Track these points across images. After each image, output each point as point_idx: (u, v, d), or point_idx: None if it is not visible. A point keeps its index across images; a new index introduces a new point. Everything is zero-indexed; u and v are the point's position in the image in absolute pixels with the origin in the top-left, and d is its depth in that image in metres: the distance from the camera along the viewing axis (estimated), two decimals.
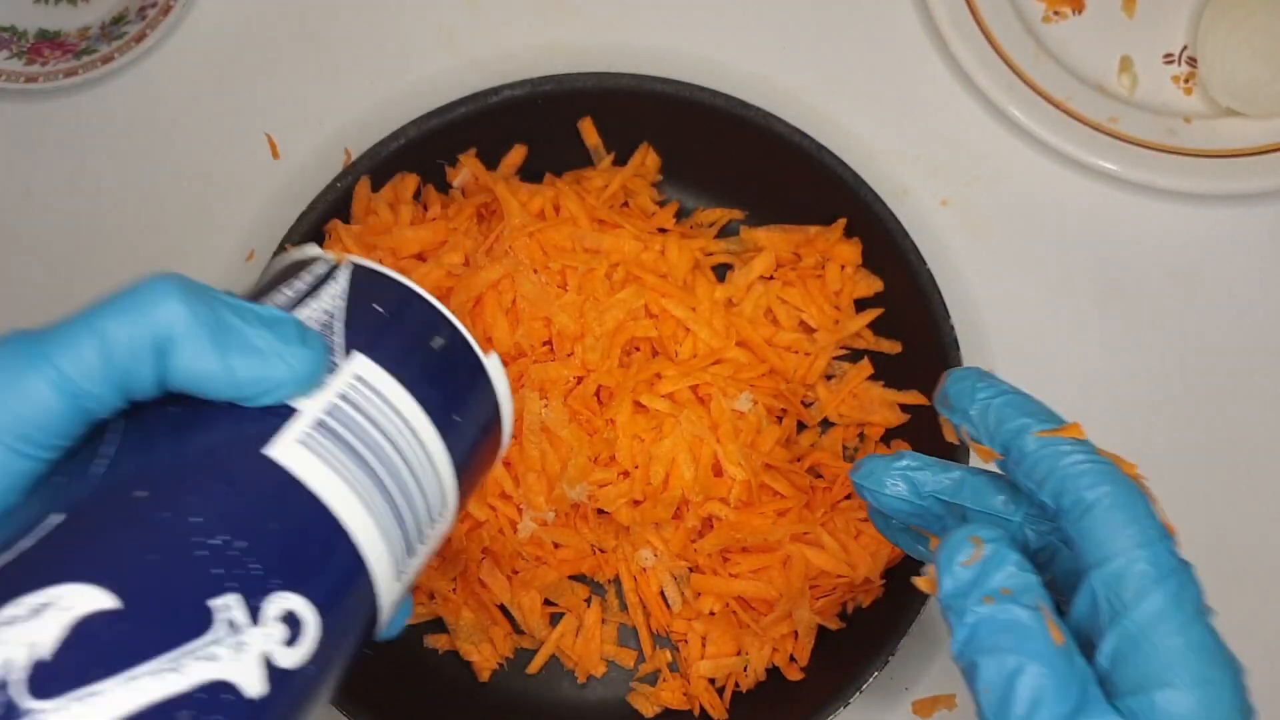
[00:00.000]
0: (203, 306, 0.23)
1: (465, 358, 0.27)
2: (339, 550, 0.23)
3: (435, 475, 0.25)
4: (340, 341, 0.25)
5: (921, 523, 0.33)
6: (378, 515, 0.23)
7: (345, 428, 0.24)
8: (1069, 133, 0.56)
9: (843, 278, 0.53)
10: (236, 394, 0.23)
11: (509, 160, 0.54)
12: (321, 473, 0.23)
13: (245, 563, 0.21)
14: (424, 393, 0.25)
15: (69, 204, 0.57)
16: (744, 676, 0.49)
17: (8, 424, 0.21)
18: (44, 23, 0.60)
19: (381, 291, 0.26)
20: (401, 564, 0.24)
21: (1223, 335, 0.55)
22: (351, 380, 0.24)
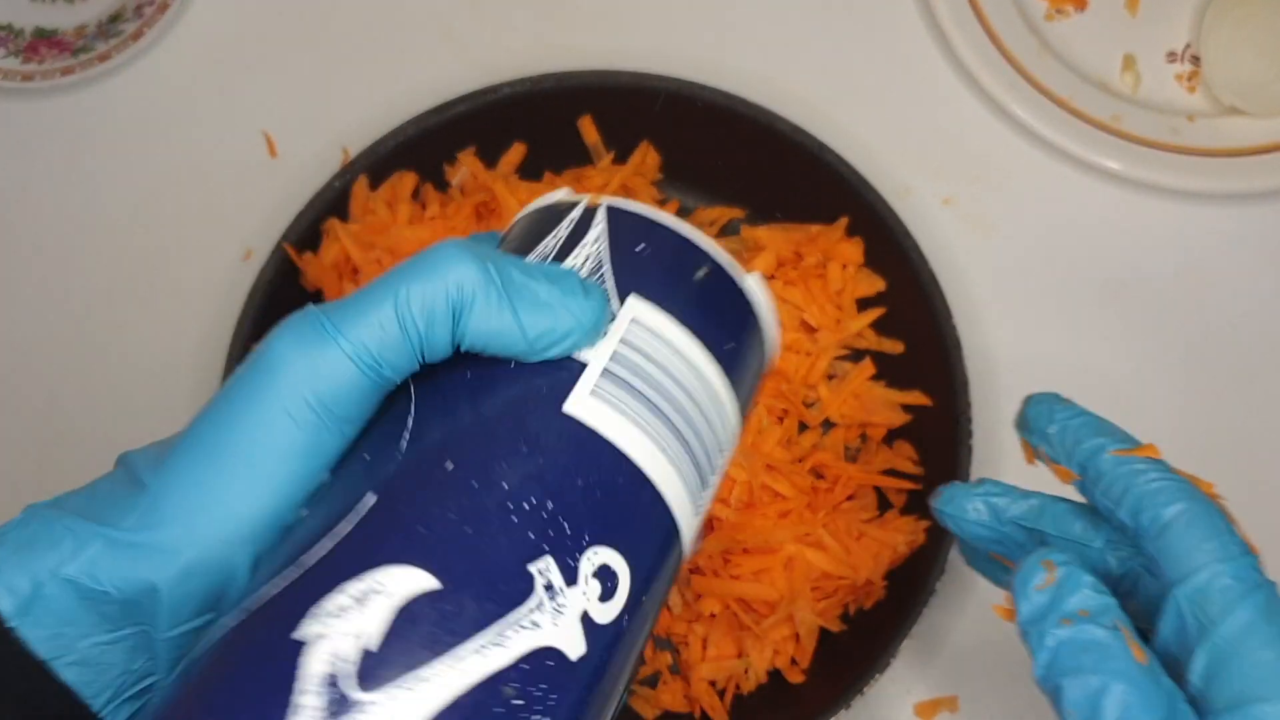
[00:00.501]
0: (491, 266, 0.23)
1: (728, 284, 0.26)
2: (642, 496, 0.23)
3: (718, 404, 0.25)
4: (612, 287, 0.25)
5: (1003, 550, 0.32)
6: (672, 454, 0.23)
7: (631, 373, 0.23)
8: (1071, 131, 0.56)
9: (844, 277, 0.52)
10: (528, 349, 0.23)
11: (508, 159, 0.54)
12: (616, 421, 0.23)
13: (557, 523, 0.21)
14: (697, 325, 0.25)
15: (66, 202, 0.57)
16: (745, 679, 0.48)
17: (323, 402, 0.22)
18: (41, 21, 0.59)
19: (640, 231, 0.26)
20: (697, 497, 0.24)
21: (1225, 334, 0.55)
22: (629, 324, 0.24)
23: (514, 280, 0.23)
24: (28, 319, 0.55)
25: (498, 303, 0.23)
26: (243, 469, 0.22)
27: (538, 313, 0.23)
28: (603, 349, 0.24)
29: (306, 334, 0.22)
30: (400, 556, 0.19)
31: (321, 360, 0.22)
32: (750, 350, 0.27)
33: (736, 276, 0.27)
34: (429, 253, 0.23)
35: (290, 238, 0.50)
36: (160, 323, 0.55)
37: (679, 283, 0.26)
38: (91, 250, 0.56)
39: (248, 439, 0.22)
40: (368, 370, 0.22)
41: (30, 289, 0.56)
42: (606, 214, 0.26)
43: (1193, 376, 0.54)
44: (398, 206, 0.52)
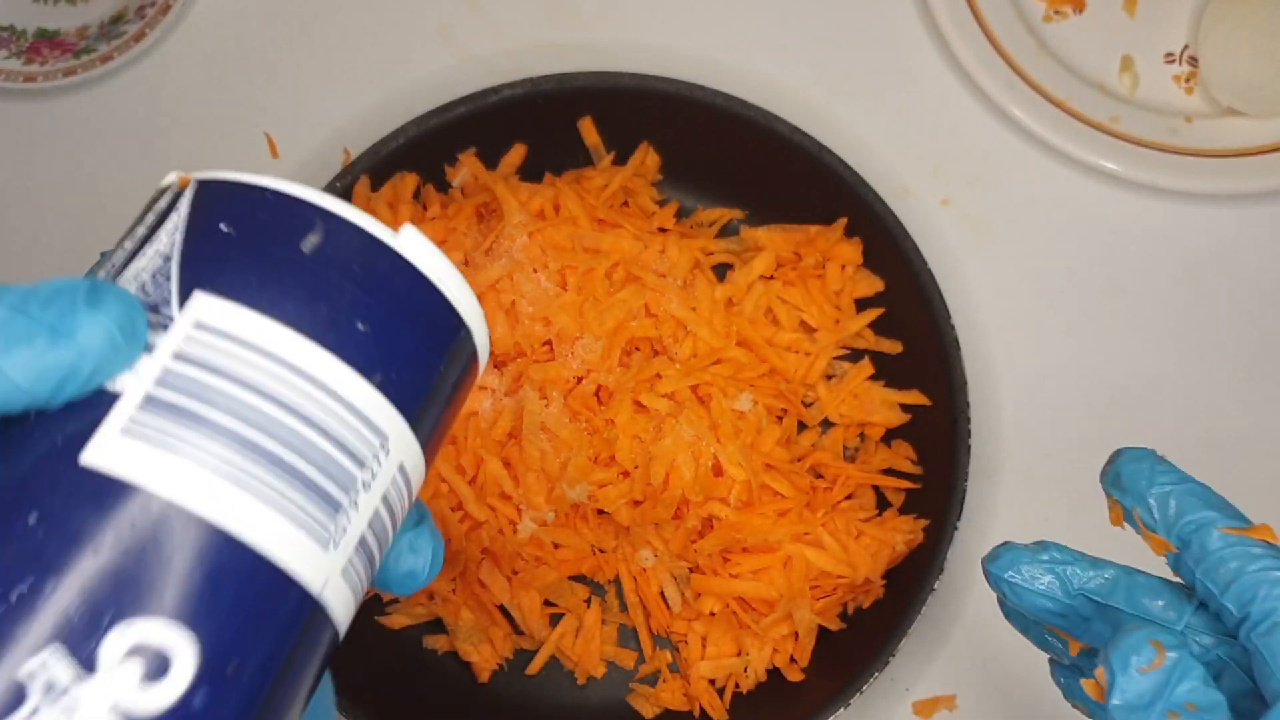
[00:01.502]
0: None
1: (356, 247, 0.21)
2: (196, 544, 0.18)
3: (343, 407, 0.20)
4: (173, 286, 0.20)
5: (1064, 624, 0.29)
6: (254, 485, 0.19)
7: (187, 394, 0.19)
8: (1070, 132, 0.56)
9: (843, 277, 0.52)
10: (29, 399, 0.18)
11: (509, 160, 0.54)
12: (159, 461, 0.18)
13: (59, 606, 0.17)
14: (298, 314, 0.20)
15: (67, 203, 0.57)
16: (744, 677, 0.49)
17: None
18: (43, 22, 0.60)
19: (228, 205, 0.21)
20: (323, 528, 0.20)
21: (1224, 335, 0.55)
22: (190, 330, 0.19)
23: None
24: None
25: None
26: None
27: (25, 349, 0.18)
28: (147, 371, 0.19)
29: None
30: None
31: None
32: (404, 324, 0.21)
33: (377, 234, 0.21)
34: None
35: None
36: None
37: (275, 264, 0.20)
38: (93, 251, 0.56)
39: None
40: None
41: None
42: (194, 192, 0.21)
43: (1191, 376, 0.54)
44: (399, 207, 0.52)
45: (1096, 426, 0.53)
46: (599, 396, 0.49)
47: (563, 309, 0.48)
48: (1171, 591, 0.28)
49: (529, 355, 0.49)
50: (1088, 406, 0.54)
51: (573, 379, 0.49)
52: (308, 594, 0.19)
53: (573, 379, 0.49)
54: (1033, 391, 0.54)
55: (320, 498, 0.20)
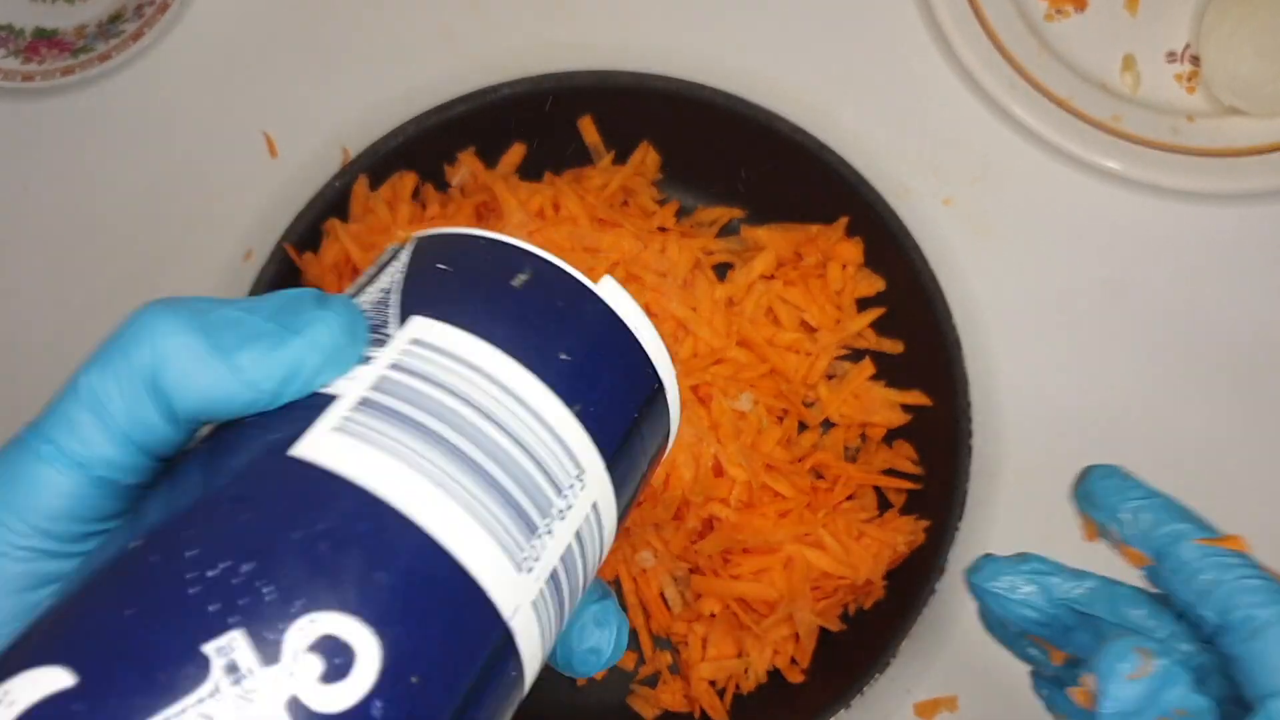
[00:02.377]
0: (191, 314, 0.19)
1: (561, 288, 0.22)
2: (396, 541, 0.18)
3: (544, 428, 0.20)
4: (393, 312, 0.21)
5: (1047, 634, 0.29)
6: (457, 491, 0.19)
7: (402, 399, 0.19)
8: (1071, 131, 0.56)
9: (844, 277, 0.52)
10: (254, 396, 0.19)
11: (508, 159, 0.54)
12: (369, 458, 0.18)
13: (253, 589, 0.17)
14: (506, 337, 0.21)
15: (66, 203, 0.57)
16: (745, 678, 0.48)
17: (23, 526, 0.19)
18: (41, 21, 0.59)
19: (444, 249, 0.22)
20: (518, 548, 0.19)
21: (1226, 334, 0.55)
22: (406, 345, 0.20)
23: (223, 319, 0.19)
24: (28, 319, 0.55)
25: (200, 350, 0.19)
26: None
27: (254, 348, 0.19)
28: (364, 376, 0.20)
29: (11, 454, 0.19)
30: (38, 657, 0.16)
31: (18, 477, 0.19)
32: (602, 361, 0.22)
33: (578, 277, 0.23)
34: (123, 322, 0.20)
35: (290, 238, 0.50)
36: None
37: (487, 295, 0.21)
38: (92, 250, 0.56)
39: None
40: (76, 474, 0.19)
41: (30, 289, 0.56)
42: (414, 244, 0.23)
43: (1192, 376, 0.54)
44: (398, 206, 0.52)
45: (1098, 426, 0.53)
46: None
47: None
48: (1151, 601, 0.28)
49: None
50: (1089, 406, 0.54)
51: None
52: (498, 616, 0.19)
53: None
54: (1034, 391, 0.54)
55: (518, 515, 0.19)
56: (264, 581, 0.17)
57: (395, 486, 0.18)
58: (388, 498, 0.18)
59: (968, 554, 0.51)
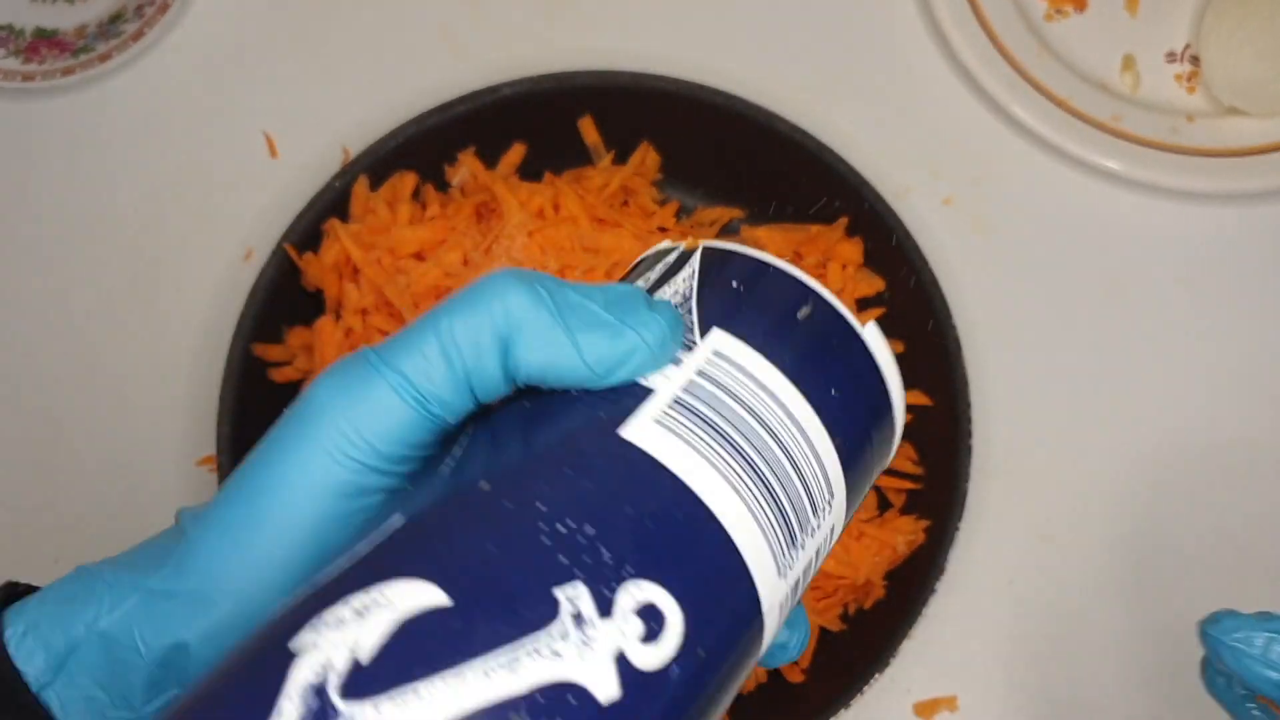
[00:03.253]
0: (543, 289, 0.22)
1: (836, 327, 0.24)
2: (704, 534, 0.20)
3: (813, 454, 0.23)
4: (694, 320, 0.23)
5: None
6: (747, 496, 0.21)
7: (706, 404, 0.22)
8: (1071, 131, 0.56)
9: (844, 277, 0.52)
10: (588, 374, 0.21)
11: (508, 159, 0.54)
12: (682, 452, 0.21)
13: (595, 549, 0.19)
14: (792, 365, 0.23)
15: (66, 203, 0.57)
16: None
17: (359, 440, 0.21)
18: (41, 21, 0.59)
19: (734, 267, 0.24)
20: (782, 555, 0.22)
21: (1225, 334, 0.55)
22: (710, 355, 0.22)
23: (569, 301, 0.22)
24: (27, 319, 0.55)
25: (550, 326, 0.21)
26: (279, 512, 0.21)
27: (596, 333, 0.21)
28: (676, 377, 0.22)
29: (351, 372, 0.21)
30: (411, 570, 0.18)
31: (364, 397, 0.21)
32: (859, 402, 0.24)
33: (851, 322, 0.25)
34: (479, 281, 0.22)
35: (291, 238, 0.50)
36: (160, 323, 0.55)
37: (776, 321, 0.23)
38: (91, 250, 0.56)
39: (286, 483, 0.21)
40: (415, 406, 0.21)
41: (30, 289, 0.56)
42: (701, 253, 0.25)
43: (1192, 376, 0.54)
44: (398, 206, 0.52)
45: (1098, 426, 0.53)
46: None
47: None
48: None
49: None
50: (1089, 406, 0.54)
51: None
52: (760, 611, 0.21)
53: None
54: (1034, 391, 0.54)
55: (786, 525, 0.22)
56: (603, 544, 0.19)
57: (702, 481, 0.21)
58: (697, 489, 0.20)
59: (968, 554, 0.51)
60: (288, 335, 0.51)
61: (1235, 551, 0.52)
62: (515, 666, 0.17)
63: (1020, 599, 0.51)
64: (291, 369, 0.51)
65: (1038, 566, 0.51)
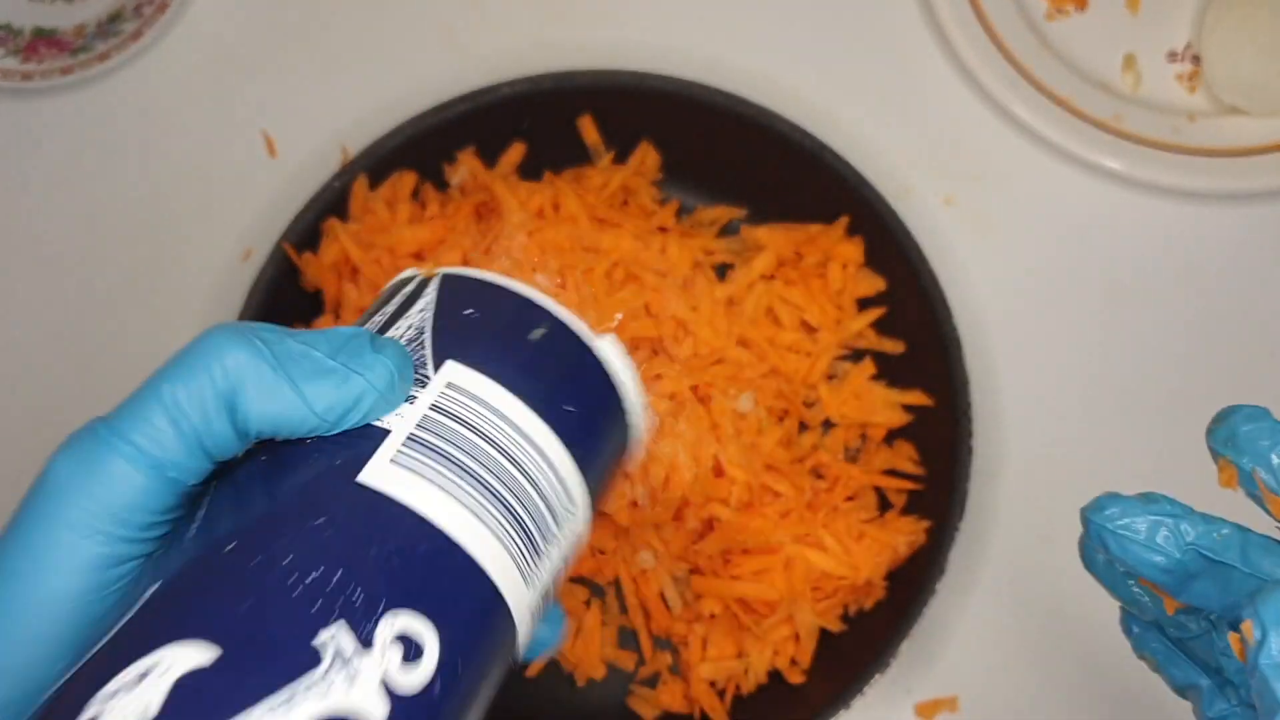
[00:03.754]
0: (263, 344, 0.22)
1: (569, 345, 0.26)
2: (449, 562, 0.22)
3: (550, 469, 0.24)
4: (428, 353, 0.24)
5: (1166, 580, 0.28)
6: (488, 519, 0.23)
7: (444, 439, 0.23)
8: (1072, 131, 0.55)
9: (845, 277, 0.52)
10: (318, 423, 0.22)
11: (508, 158, 0.54)
12: (421, 488, 0.22)
13: (346, 591, 0.20)
14: (525, 388, 0.24)
15: (65, 202, 0.57)
16: (745, 679, 0.48)
17: (103, 513, 0.21)
18: (40, 20, 0.59)
19: (470, 294, 0.26)
20: (527, 567, 0.23)
21: (1226, 334, 0.55)
22: (443, 389, 0.24)
23: (290, 352, 0.22)
24: (27, 318, 0.55)
25: (273, 379, 0.22)
26: (38, 592, 0.21)
27: (321, 382, 0.22)
28: (410, 415, 0.23)
29: (84, 446, 0.21)
30: (177, 634, 0.19)
31: (100, 471, 0.21)
32: (596, 412, 0.26)
33: (585, 337, 0.26)
34: (195, 341, 0.22)
35: (290, 237, 0.50)
36: (160, 323, 0.55)
37: (510, 345, 0.25)
38: (91, 250, 0.56)
39: (39, 564, 0.21)
40: (151, 474, 0.21)
41: (29, 288, 0.56)
42: (439, 282, 0.26)
43: (1192, 375, 0.54)
44: (397, 206, 0.51)
45: (1098, 426, 0.53)
46: None
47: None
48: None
49: None
50: (1090, 406, 0.54)
51: None
52: (513, 621, 0.23)
53: None
54: (1035, 391, 0.54)
55: (529, 541, 0.24)
56: (353, 586, 0.20)
57: (442, 514, 0.22)
58: (438, 523, 0.22)
59: (969, 554, 0.51)
60: None
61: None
62: (293, 705, 0.19)
63: (1021, 599, 0.51)
64: None
65: (1038, 567, 0.51)
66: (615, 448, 0.27)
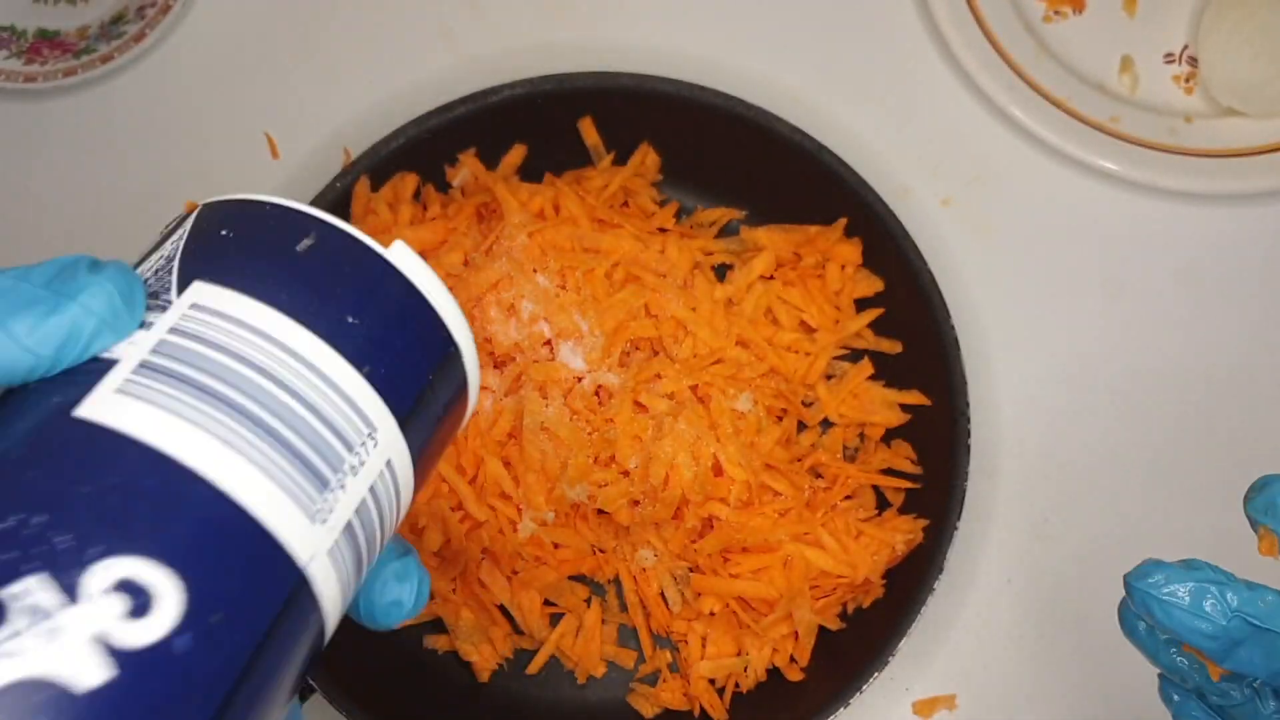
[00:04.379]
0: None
1: (349, 254, 0.23)
2: (187, 494, 0.19)
3: (332, 388, 0.21)
4: (174, 279, 0.22)
5: (1211, 647, 0.28)
6: (244, 447, 0.20)
7: (181, 362, 0.20)
8: (1070, 132, 0.56)
9: (843, 277, 0.52)
10: (34, 360, 0.20)
11: (509, 160, 0.54)
12: (152, 417, 0.20)
13: (47, 538, 0.18)
14: (291, 302, 0.21)
15: (68, 203, 0.57)
16: (744, 677, 0.49)
17: None
18: (43, 22, 0.60)
19: (228, 216, 0.23)
20: (310, 500, 0.21)
21: (1223, 335, 0.55)
22: (186, 310, 0.21)
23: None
24: None
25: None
26: None
27: (28, 314, 0.20)
28: (144, 341, 0.21)
29: None
30: None
31: None
32: (395, 325, 0.23)
33: (367, 242, 0.23)
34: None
35: None
36: None
37: (271, 259, 0.22)
38: (93, 251, 0.56)
39: None
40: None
41: None
42: (200, 211, 0.24)
43: (1189, 376, 0.54)
44: (399, 207, 0.52)
45: (1096, 426, 0.53)
46: (599, 396, 0.49)
47: (562, 309, 0.48)
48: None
49: (529, 355, 0.49)
50: (1087, 406, 0.54)
51: (573, 379, 0.49)
52: (293, 563, 0.20)
53: (573, 379, 0.49)
54: (1032, 391, 0.54)
55: (308, 470, 0.21)
56: (57, 531, 0.18)
57: (179, 442, 0.19)
58: (172, 453, 0.19)
59: (967, 553, 0.51)
60: None
61: (1235, 550, 0.52)
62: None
63: (1019, 598, 0.51)
64: None
65: (1036, 566, 0.51)
66: (427, 363, 0.24)
